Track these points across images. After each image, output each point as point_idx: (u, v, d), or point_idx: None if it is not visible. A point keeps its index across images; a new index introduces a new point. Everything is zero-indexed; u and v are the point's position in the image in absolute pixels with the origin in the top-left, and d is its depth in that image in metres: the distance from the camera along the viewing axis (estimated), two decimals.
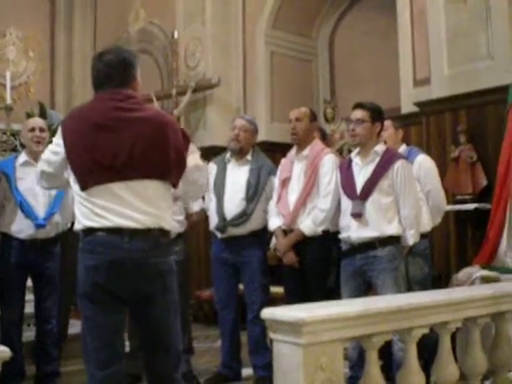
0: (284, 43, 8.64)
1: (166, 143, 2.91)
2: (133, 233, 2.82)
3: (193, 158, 3.05)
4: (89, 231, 2.83)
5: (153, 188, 2.91)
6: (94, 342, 2.86)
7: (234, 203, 4.89)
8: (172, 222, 3.09)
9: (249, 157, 5.00)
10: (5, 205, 4.60)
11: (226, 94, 8.46)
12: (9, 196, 4.58)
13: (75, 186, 2.89)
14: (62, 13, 11.34)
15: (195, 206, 4.99)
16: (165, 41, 9.44)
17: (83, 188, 2.83)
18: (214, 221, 4.98)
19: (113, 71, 2.97)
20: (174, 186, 3.00)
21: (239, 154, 4.97)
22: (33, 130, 4.67)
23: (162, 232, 2.91)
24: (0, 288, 4.61)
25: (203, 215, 5.21)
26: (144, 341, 3.04)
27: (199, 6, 8.68)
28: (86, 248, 2.85)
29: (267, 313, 2.50)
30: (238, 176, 4.95)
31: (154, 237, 2.87)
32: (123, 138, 2.84)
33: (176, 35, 8.73)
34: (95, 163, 2.81)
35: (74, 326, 5.52)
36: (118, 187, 2.83)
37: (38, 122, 4.78)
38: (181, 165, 2.97)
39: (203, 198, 4.95)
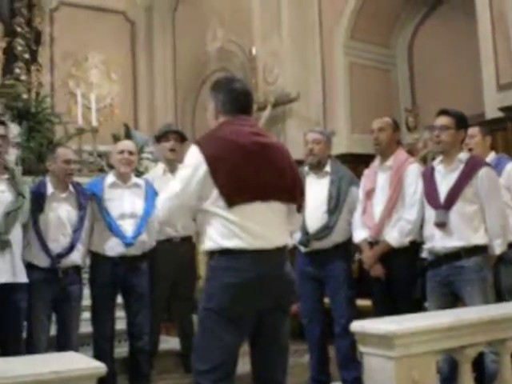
0: (362, 53, 8.57)
1: (294, 167, 3.15)
2: (270, 252, 2.93)
3: None
4: (228, 250, 2.91)
5: (284, 210, 3.07)
6: (212, 358, 2.89)
7: (316, 216, 4.86)
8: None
9: (327, 168, 4.97)
10: (94, 225, 4.74)
11: (306, 108, 8.45)
12: (98, 216, 4.73)
13: (212, 207, 2.94)
14: (142, 35, 11.66)
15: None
16: (243, 58, 9.54)
17: (230, 205, 2.90)
18: (296, 235, 4.97)
19: (249, 98, 3.18)
20: (299, 208, 3.17)
21: (317, 166, 4.96)
22: (122, 152, 4.81)
23: (286, 249, 3.08)
24: (92, 305, 4.75)
25: None
26: (263, 353, 3.07)
27: (275, 22, 8.73)
28: (225, 266, 2.91)
29: (357, 326, 2.49)
30: (318, 189, 4.92)
31: (284, 254, 3.04)
32: (265, 161, 2.99)
33: (254, 52, 8.81)
34: (242, 183, 2.93)
35: (164, 342, 5.64)
36: (260, 207, 2.96)
37: (128, 145, 4.92)
38: (302, 189, 3.21)
39: None
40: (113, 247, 4.69)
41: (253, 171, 2.95)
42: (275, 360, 3.06)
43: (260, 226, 2.93)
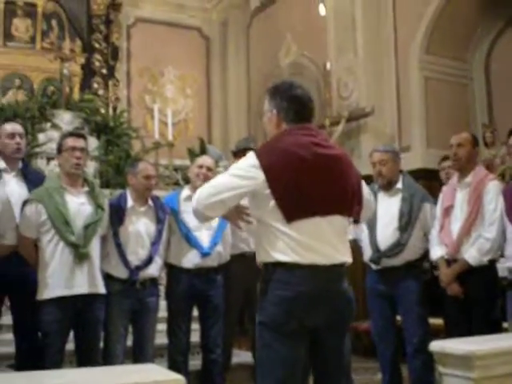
0: (438, 68, 8.45)
1: (356, 180, 3.03)
2: (326, 268, 2.87)
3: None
4: (282, 264, 2.86)
5: (343, 223, 3.00)
6: (274, 374, 2.85)
7: (387, 233, 4.79)
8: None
9: (399, 185, 4.89)
10: (170, 237, 4.81)
11: (380, 123, 8.38)
12: (174, 229, 4.80)
13: (268, 219, 2.87)
14: (216, 51, 11.81)
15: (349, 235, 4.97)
16: (316, 72, 9.55)
17: (288, 220, 2.83)
18: (367, 252, 4.90)
19: (312, 106, 3.06)
20: (357, 221, 3.14)
21: (388, 185, 4.90)
22: (201, 167, 4.86)
23: (344, 267, 3.01)
24: (168, 317, 4.81)
25: (352, 246, 5.18)
26: (323, 373, 3.01)
27: (350, 37, 8.70)
28: (278, 279, 2.87)
29: (436, 346, 2.45)
30: (389, 205, 4.84)
31: (342, 272, 2.97)
32: (326, 173, 2.90)
33: (328, 66, 8.79)
34: (303, 197, 2.84)
35: (236, 356, 5.66)
36: (319, 222, 2.88)
37: (207, 161, 4.97)
38: (361, 201, 3.08)
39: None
40: (189, 259, 4.75)
41: (313, 185, 2.85)
42: (335, 380, 2.97)
43: (317, 242, 2.85)
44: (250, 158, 2.89)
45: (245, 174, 2.85)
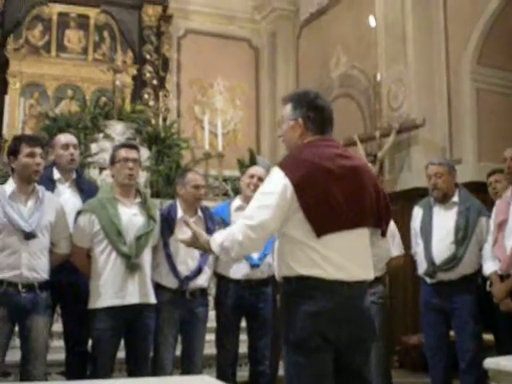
0: (490, 79, 8.31)
1: (380, 191, 2.99)
2: (349, 285, 2.83)
3: None
4: (305, 278, 2.81)
5: (368, 234, 2.97)
6: None
7: (442, 247, 4.75)
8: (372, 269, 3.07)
9: (455, 198, 4.84)
10: None
11: (431, 135, 8.27)
12: None
13: (294, 232, 2.83)
14: (265, 62, 11.84)
15: (395, 251, 4.93)
16: (366, 83, 9.50)
17: (319, 235, 2.79)
18: (422, 266, 4.85)
19: (332, 117, 3.03)
20: (384, 233, 3.03)
21: (444, 199, 4.84)
22: (252, 177, 4.88)
23: (366, 283, 2.96)
24: (217, 328, 4.83)
25: (402, 260, 5.15)
26: None
27: (401, 48, 8.64)
28: (300, 294, 2.83)
29: (490, 363, 2.41)
30: (445, 219, 4.80)
31: (364, 289, 2.92)
32: (351, 185, 2.87)
33: (378, 77, 8.75)
34: (332, 210, 2.81)
35: (283, 368, 5.63)
36: (346, 236, 2.84)
37: (259, 171, 4.98)
38: (388, 213, 3.03)
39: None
40: (238, 270, 4.74)
41: (339, 197, 2.81)
42: None
43: (343, 257, 2.82)
44: (275, 175, 2.86)
45: (278, 196, 2.79)
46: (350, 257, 2.84)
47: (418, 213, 4.99)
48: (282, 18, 11.64)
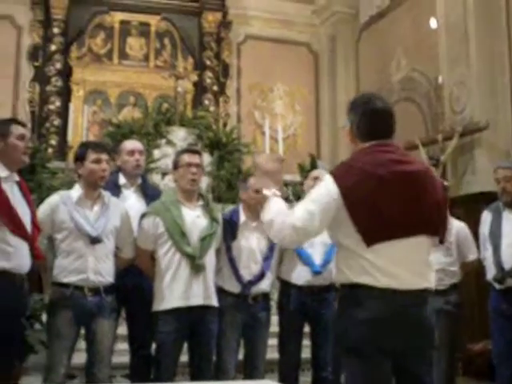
0: None
1: (439, 197, 2.90)
2: (402, 293, 2.77)
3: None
4: (361, 286, 2.79)
5: (427, 244, 2.89)
6: None
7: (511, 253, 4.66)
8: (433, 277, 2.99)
9: None
10: (283, 253, 4.80)
11: (495, 137, 8.10)
12: None
13: (345, 240, 2.82)
14: (325, 67, 11.82)
15: (470, 256, 4.86)
16: (428, 87, 9.39)
17: (369, 245, 2.76)
18: (491, 271, 4.76)
19: (389, 120, 2.95)
20: (442, 241, 2.95)
21: None
22: (316, 178, 4.78)
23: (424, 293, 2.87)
24: (280, 333, 4.82)
25: (476, 264, 5.06)
26: None
27: (463, 50, 8.50)
28: (354, 302, 2.80)
29: None
30: None
31: (421, 298, 2.83)
32: (407, 192, 2.80)
33: (440, 80, 8.63)
34: (382, 220, 2.76)
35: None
36: (399, 245, 2.79)
37: (322, 173, 4.90)
38: (446, 220, 2.95)
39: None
40: (300, 276, 4.73)
41: (393, 205, 2.75)
42: None
43: (395, 265, 2.76)
44: (326, 181, 2.84)
45: (325, 201, 2.78)
46: (403, 265, 2.78)
47: (486, 217, 4.90)
48: (341, 21, 11.61)
